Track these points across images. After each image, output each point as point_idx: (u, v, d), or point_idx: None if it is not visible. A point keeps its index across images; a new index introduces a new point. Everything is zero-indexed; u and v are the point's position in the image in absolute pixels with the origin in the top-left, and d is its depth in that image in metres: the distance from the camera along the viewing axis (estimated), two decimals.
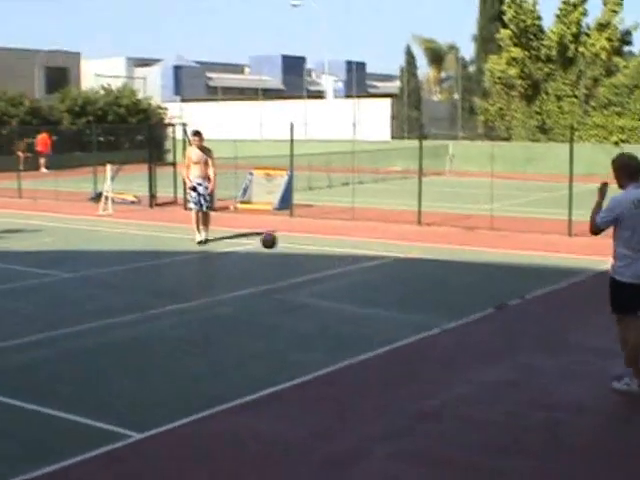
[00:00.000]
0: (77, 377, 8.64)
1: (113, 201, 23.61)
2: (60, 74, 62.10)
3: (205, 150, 17.59)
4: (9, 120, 43.65)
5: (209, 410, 7.52)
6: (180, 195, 24.05)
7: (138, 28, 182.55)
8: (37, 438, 6.97)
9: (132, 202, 25.09)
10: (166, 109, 51.75)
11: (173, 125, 29.59)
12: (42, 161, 40.83)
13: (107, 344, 9.94)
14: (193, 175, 17.51)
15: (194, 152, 17.62)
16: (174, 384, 8.41)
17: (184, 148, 24.13)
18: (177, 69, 73.12)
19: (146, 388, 8.30)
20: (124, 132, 42.87)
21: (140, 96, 52.48)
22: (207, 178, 17.47)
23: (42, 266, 14.97)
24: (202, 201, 17.41)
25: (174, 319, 11.20)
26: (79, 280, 13.89)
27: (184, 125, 25.92)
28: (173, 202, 24.56)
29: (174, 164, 25.17)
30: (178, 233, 19.07)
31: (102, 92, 50.42)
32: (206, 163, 17.50)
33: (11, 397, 7.86)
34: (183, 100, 56.19)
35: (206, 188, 17.44)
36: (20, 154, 36.69)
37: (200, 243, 17.26)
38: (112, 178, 23.90)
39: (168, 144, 31.85)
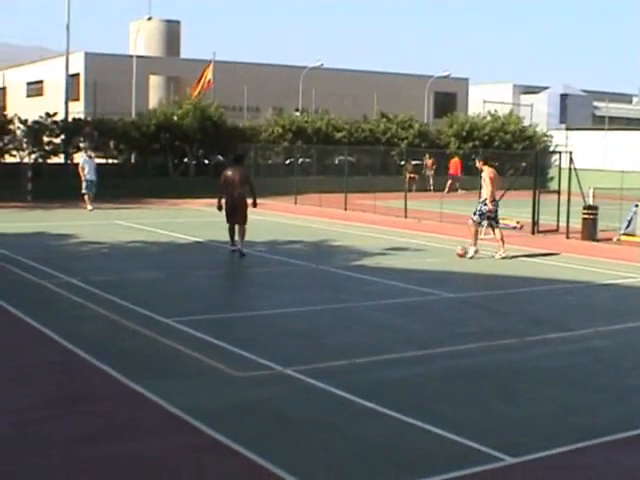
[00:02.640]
0: (451, 395, 8.77)
1: None
2: (448, 99, 63.75)
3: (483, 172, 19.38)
4: (399, 142, 45.43)
5: (581, 442, 7.37)
6: (562, 223, 23.81)
7: (526, 56, 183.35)
8: (409, 450, 7.19)
9: (514, 227, 25.14)
10: (551, 137, 51.33)
11: (558, 153, 29.31)
12: (448, 183, 42.37)
13: (482, 366, 10.02)
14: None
15: None
16: (548, 412, 8.30)
17: (569, 177, 23.97)
18: (563, 97, 72.22)
19: (518, 413, 8.26)
20: (508, 158, 43.02)
21: (526, 123, 52.47)
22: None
23: (424, 285, 15.40)
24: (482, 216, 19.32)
25: (551, 348, 11.07)
26: (458, 301, 14.13)
27: (570, 154, 25.57)
28: (555, 230, 24.32)
29: (558, 192, 24.91)
30: (558, 261, 18.90)
31: (489, 118, 50.98)
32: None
33: (387, 408, 8.14)
34: (568, 128, 55.40)
35: (485, 205, 19.10)
36: (408, 175, 37.99)
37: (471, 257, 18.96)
38: None
39: (552, 172, 31.55)
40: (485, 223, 20.00)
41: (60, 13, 40.19)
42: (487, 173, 19.26)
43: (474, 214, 19.28)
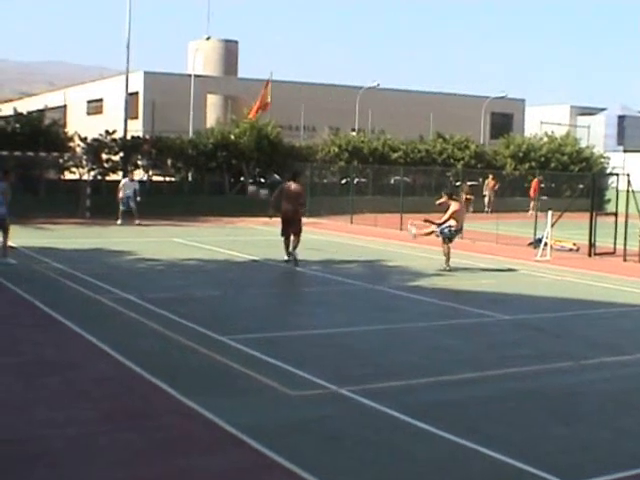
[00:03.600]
0: (505, 418, 8.73)
1: (551, 247, 23.65)
2: (505, 120, 63.57)
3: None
4: (455, 162, 45.31)
5: (638, 469, 7.27)
6: (620, 246, 23.57)
7: (583, 77, 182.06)
8: (462, 472, 7.17)
9: (570, 250, 24.95)
10: (608, 159, 50.92)
11: (616, 175, 29.05)
12: (532, 204, 42.07)
13: (538, 389, 9.94)
14: None
15: None
16: (604, 437, 8.22)
17: (627, 199, 23.75)
18: (621, 119, 71.49)
19: (574, 437, 8.19)
20: (565, 180, 42.73)
21: (583, 145, 52.10)
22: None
23: (478, 306, 15.34)
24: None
25: (608, 371, 10.97)
26: (514, 323, 14.05)
27: (627, 176, 25.32)
28: (612, 252, 24.07)
29: (616, 214, 24.69)
30: (615, 284, 18.71)
31: (545, 139, 50.69)
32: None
33: (440, 429, 8.10)
34: (626, 150, 54.89)
35: (447, 227, 20.38)
36: (464, 196, 37.83)
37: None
38: (552, 225, 23.96)
39: (609, 194, 31.27)
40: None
41: (120, 33, 40.80)
42: (454, 206, 20.48)
43: (447, 239, 20.45)
